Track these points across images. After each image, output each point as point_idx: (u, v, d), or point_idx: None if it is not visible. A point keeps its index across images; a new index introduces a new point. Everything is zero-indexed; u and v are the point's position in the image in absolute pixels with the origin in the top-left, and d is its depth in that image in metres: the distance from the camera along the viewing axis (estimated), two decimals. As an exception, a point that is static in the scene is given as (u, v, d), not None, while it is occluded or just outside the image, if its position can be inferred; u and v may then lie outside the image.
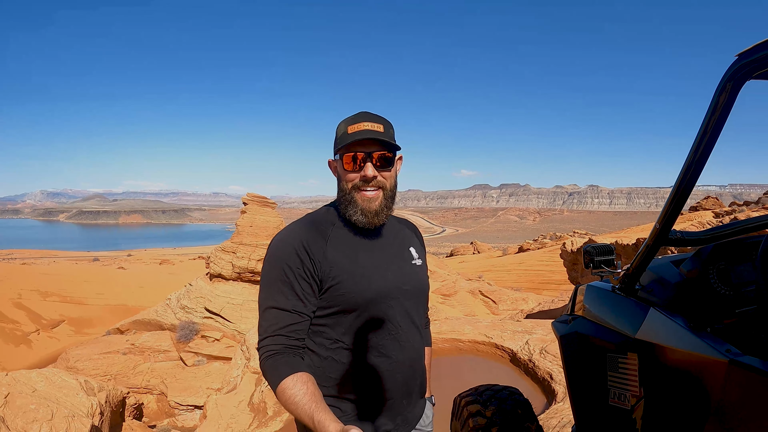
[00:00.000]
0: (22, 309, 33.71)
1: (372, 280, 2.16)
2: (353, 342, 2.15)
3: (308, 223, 2.21)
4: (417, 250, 2.46)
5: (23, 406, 7.55)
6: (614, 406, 2.49)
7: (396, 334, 2.22)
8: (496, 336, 10.05)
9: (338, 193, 2.24)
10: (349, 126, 2.13)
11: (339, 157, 2.17)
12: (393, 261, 2.29)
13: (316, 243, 2.12)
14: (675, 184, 1.92)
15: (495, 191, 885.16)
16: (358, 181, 2.14)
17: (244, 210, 27.64)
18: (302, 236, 2.13)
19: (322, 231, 2.18)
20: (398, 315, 2.23)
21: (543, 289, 45.33)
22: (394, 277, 2.24)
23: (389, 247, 2.32)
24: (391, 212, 2.30)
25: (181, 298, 24.97)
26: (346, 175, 2.16)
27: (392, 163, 2.20)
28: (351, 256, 2.17)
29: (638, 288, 2.45)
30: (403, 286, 2.26)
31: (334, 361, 2.15)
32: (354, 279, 2.12)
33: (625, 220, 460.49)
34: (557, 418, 5.91)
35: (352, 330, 2.15)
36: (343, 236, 2.20)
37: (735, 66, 1.62)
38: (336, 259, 2.12)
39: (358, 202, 2.15)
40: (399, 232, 2.44)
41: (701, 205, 42.31)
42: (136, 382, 19.70)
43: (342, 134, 2.14)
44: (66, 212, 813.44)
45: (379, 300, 2.16)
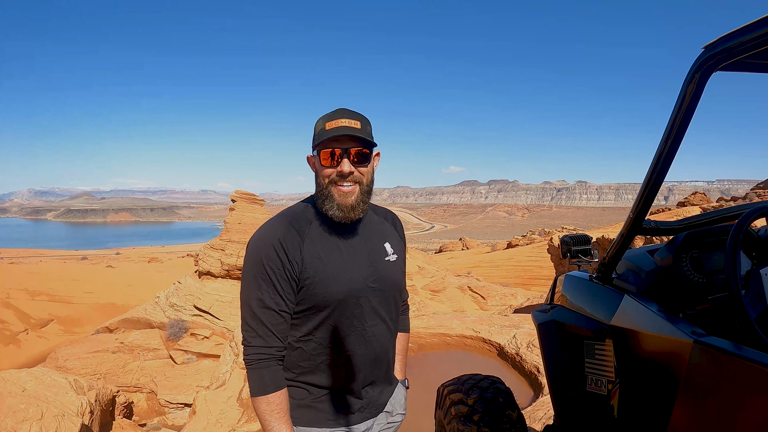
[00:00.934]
0: (10, 308, 33.48)
1: (341, 280, 2.22)
2: (321, 337, 2.25)
3: (286, 221, 2.25)
4: (394, 245, 2.51)
5: (13, 406, 7.54)
6: (592, 392, 2.55)
7: (362, 330, 2.30)
8: (484, 330, 10.12)
9: (316, 188, 2.29)
10: (326, 122, 2.18)
11: (317, 153, 2.22)
12: (365, 259, 2.34)
13: (293, 243, 2.17)
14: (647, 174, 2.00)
15: (483, 187, 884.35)
16: (335, 176, 2.19)
17: (232, 207, 27.55)
18: (279, 234, 2.18)
19: (299, 229, 2.23)
20: (366, 312, 2.30)
21: (532, 285, 45.35)
22: (365, 276, 2.30)
23: (363, 245, 2.37)
24: (367, 206, 2.35)
25: (170, 296, 24.88)
26: (323, 170, 2.21)
27: (369, 159, 2.25)
28: (325, 256, 2.23)
29: (614, 277, 2.52)
30: (372, 284, 2.32)
31: (303, 351, 2.25)
32: (327, 280, 2.19)
33: (613, 215, 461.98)
34: (543, 410, 5.99)
35: (320, 326, 2.23)
36: (318, 235, 2.26)
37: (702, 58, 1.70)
38: (311, 260, 2.18)
39: (334, 196, 2.20)
40: (377, 226, 2.49)
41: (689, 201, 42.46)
42: (126, 380, 19.61)
43: (320, 130, 2.19)
44: (54, 211, 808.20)
45: (347, 299, 2.23)
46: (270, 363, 2.13)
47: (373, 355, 2.35)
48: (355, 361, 2.30)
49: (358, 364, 2.31)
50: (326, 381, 2.28)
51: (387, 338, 2.43)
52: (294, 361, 2.26)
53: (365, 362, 2.33)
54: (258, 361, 2.11)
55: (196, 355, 21.02)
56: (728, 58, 1.63)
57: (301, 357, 2.25)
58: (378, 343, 2.36)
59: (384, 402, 2.49)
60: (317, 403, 2.28)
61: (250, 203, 27.87)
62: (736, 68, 1.89)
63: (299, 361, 2.26)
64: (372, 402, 2.42)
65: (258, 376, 2.11)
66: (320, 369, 2.27)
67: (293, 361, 2.26)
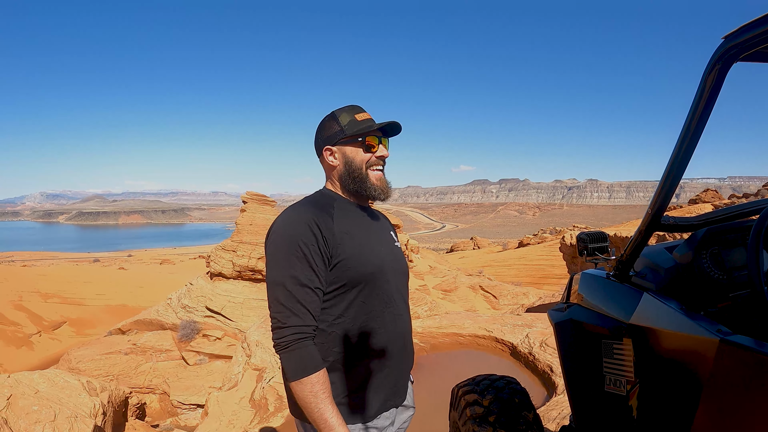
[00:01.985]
0: (22, 311, 33.68)
1: (372, 255, 2.28)
2: (354, 316, 2.23)
3: (311, 204, 2.29)
4: (395, 236, 2.59)
5: (26, 408, 7.55)
6: (610, 392, 2.50)
7: (392, 308, 2.33)
8: (497, 330, 10.07)
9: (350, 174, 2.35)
10: (355, 115, 2.32)
11: (361, 140, 2.32)
12: (384, 239, 2.45)
13: (324, 220, 2.19)
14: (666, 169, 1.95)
15: (494, 186, 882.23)
16: (372, 159, 2.35)
17: (243, 208, 27.58)
18: (310, 213, 2.19)
19: (326, 209, 2.26)
20: (393, 290, 2.35)
21: (543, 284, 45.28)
22: (388, 254, 2.39)
23: (380, 226, 2.48)
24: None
25: (182, 298, 24.96)
26: (362, 156, 2.34)
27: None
28: (353, 232, 2.27)
29: (632, 274, 2.47)
30: (394, 264, 2.40)
31: (337, 335, 2.21)
32: (357, 255, 2.22)
33: (624, 213, 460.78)
34: (557, 410, 5.92)
35: (353, 305, 2.23)
36: (345, 214, 2.30)
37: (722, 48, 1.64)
38: (341, 236, 2.20)
39: (372, 180, 2.35)
40: (381, 216, 2.58)
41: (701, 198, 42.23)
42: (139, 381, 19.71)
43: (351, 121, 2.31)
44: (66, 213, 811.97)
45: (378, 275, 2.27)
46: (308, 342, 2.08)
47: (402, 332, 2.39)
48: (387, 341, 2.31)
49: (389, 344, 2.32)
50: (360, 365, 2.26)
51: (408, 321, 2.47)
52: (328, 348, 2.20)
53: (398, 341, 2.36)
54: (296, 341, 2.04)
55: (208, 356, 21.07)
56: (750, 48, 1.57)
57: (335, 342, 2.21)
58: (403, 322, 2.41)
59: (405, 390, 2.48)
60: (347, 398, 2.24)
61: (261, 204, 27.90)
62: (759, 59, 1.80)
63: (334, 346, 2.21)
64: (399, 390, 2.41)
65: (298, 357, 2.03)
66: (355, 352, 2.24)
67: (329, 347, 2.20)
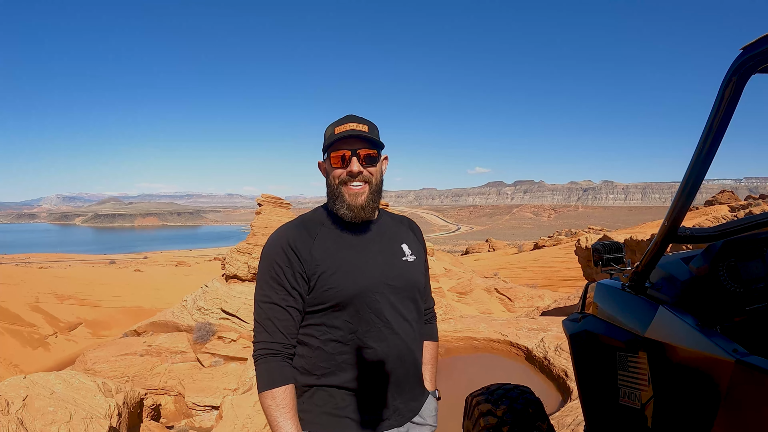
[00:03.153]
0: (39, 312, 33.91)
1: (357, 276, 2.26)
2: (340, 335, 2.25)
3: (298, 224, 2.35)
4: (411, 246, 2.54)
5: (41, 408, 7.59)
6: (625, 405, 2.47)
7: (383, 328, 2.29)
8: (511, 334, 10.03)
9: (327, 190, 2.37)
10: (336, 127, 2.28)
11: (327, 156, 2.33)
12: (380, 257, 2.38)
13: (303, 242, 2.25)
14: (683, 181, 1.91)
15: (509, 188, 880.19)
16: (344, 176, 2.27)
17: (258, 211, 27.69)
18: (290, 236, 2.27)
19: (310, 230, 2.31)
20: (384, 309, 2.30)
21: (559, 286, 45.11)
22: (380, 273, 2.33)
23: (376, 243, 2.41)
24: (377, 206, 2.40)
25: (197, 300, 25.03)
26: (334, 171, 2.30)
27: (377, 160, 2.34)
28: (337, 253, 2.28)
29: (648, 286, 2.44)
30: (388, 281, 2.34)
31: (324, 351, 2.24)
32: (339, 276, 2.22)
33: (640, 215, 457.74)
34: (572, 416, 5.88)
35: (338, 323, 2.24)
36: (330, 234, 2.32)
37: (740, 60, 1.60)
38: (322, 257, 2.24)
39: (345, 196, 2.29)
40: (391, 228, 2.54)
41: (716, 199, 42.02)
42: (154, 383, 19.78)
43: (330, 135, 2.29)
44: (82, 216, 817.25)
45: (364, 295, 2.25)
46: (275, 358, 2.16)
47: (395, 353, 2.32)
48: (377, 359, 2.28)
49: (381, 363, 2.29)
50: (349, 382, 2.25)
51: (411, 337, 2.41)
52: (315, 363, 2.26)
53: (388, 360, 2.30)
54: (262, 356, 2.16)
55: (223, 358, 21.11)
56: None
57: (322, 358, 2.25)
58: (400, 340, 2.34)
59: (412, 411, 2.45)
60: (340, 410, 2.25)
61: (276, 207, 27.99)
62: None
63: (320, 362, 2.25)
64: (398, 409, 2.37)
65: (263, 371, 2.14)
66: (342, 369, 2.25)
67: (314, 363, 2.26)
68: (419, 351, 2.50)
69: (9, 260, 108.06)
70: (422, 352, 2.58)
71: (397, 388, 2.35)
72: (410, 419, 2.43)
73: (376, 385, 2.29)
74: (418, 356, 2.49)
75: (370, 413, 2.28)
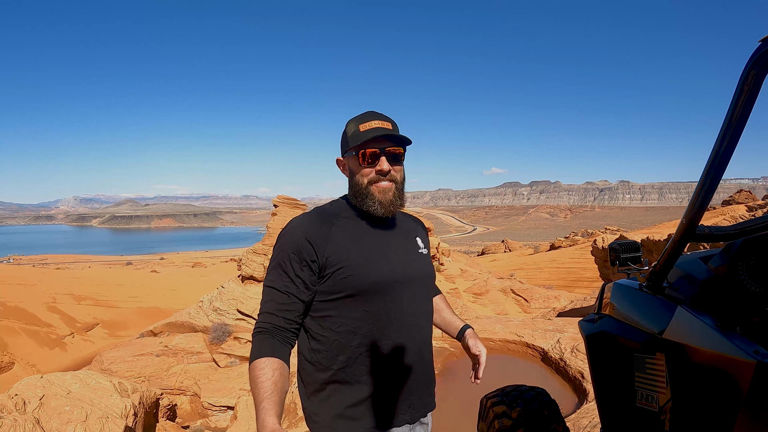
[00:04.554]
0: (56, 312, 34.19)
1: (377, 265, 2.24)
2: (359, 326, 2.21)
3: (314, 214, 2.33)
4: (423, 241, 2.55)
5: (58, 408, 7.62)
6: (642, 407, 2.43)
7: (402, 319, 2.28)
8: (527, 335, 9.99)
9: (352, 188, 2.35)
10: (360, 124, 2.26)
11: (354, 154, 2.27)
12: (399, 248, 2.38)
13: (318, 231, 2.22)
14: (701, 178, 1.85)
15: (525, 189, 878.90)
16: (373, 175, 2.26)
17: (275, 212, 27.78)
18: (304, 225, 2.25)
19: (327, 220, 2.29)
20: (405, 300, 2.29)
21: (575, 287, 45.03)
22: (401, 263, 2.33)
23: (395, 235, 2.41)
24: (404, 203, 2.39)
25: (213, 300, 25.13)
26: (362, 170, 2.28)
27: (402, 158, 2.34)
28: (355, 242, 2.26)
29: (666, 285, 2.39)
30: (409, 272, 2.34)
31: (341, 343, 2.21)
32: (358, 264, 2.20)
33: (657, 215, 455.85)
34: (588, 418, 5.83)
35: (357, 314, 2.21)
36: (348, 225, 2.30)
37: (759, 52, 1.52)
38: (339, 246, 2.21)
39: (374, 194, 2.27)
40: (405, 222, 2.55)
41: (734, 199, 41.77)
42: (170, 383, 19.86)
43: (354, 132, 2.27)
44: (99, 217, 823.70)
45: (384, 285, 2.24)
46: (266, 335, 2.12)
47: (415, 345, 2.32)
48: (397, 351, 2.26)
49: (400, 355, 2.27)
50: (367, 375, 2.21)
51: (427, 329, 2.42)
52: (333, 356, 2.21)
53: (407, 353, 2.29)
54: (257, 334, 2.13)
55: (239, 359, 21.16)
56: None
57: (339, 350, 2.20)
58: (418, 333, 2.35)
59: (426, 407, 2.42)
60: (356, 411, 2.20)
61: (292, 208, 28.05)
62: None
63: (338, 355, 2.20)
64: (414, 404, 2.34)
65: (256, 344, 2.10)
66: (361, 361, 2.21)
67: (332, 356, 2.21)
68: (431, 344, 2.49)
69: (26, 261, 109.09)
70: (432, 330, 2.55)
71: (414, 381, 2.32)
72: (424, 415, 2.41)
73: (394, 378, 2.26)
74: (431, 348, 2.48)
75: (385, 409, 2.24)
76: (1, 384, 22.67)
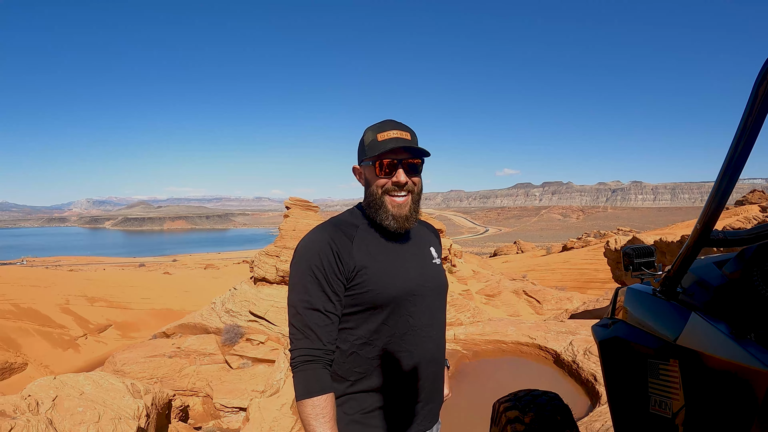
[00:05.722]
0: (69, 314, 34.39)
1: (396, 278, 2.21)
2: (378, 339, 2.20)
3: (333, 226, 2.26)
4: (436, 250, 2.53)
5: (71, 409, 7.65)
6: (655, 414, 2.40)
7: (419, 331, 2.26)
8: (540, 337, 9.96)
9: (367, 198, 2.31)
10: (378, 134, 2.22)
11: (372, 163, 2.24)
12: (415, 260, 2.35)
13: (342, 244, 2.17)
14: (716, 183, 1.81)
15: (537, 190, 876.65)
16: (389, 186, 2.22)
17: (287, 214, 27.82)
18: (328, 238, 2.17)
19: (347, 232, 2.23)
20: (421, 312, 2.27)
21: (588, 288, 44.92)
22: (417, 275, 2.30)
23: (411, 247, 2.38)
24: (419, 216, 2.37)
25: (225, 302, 25.20)
26: (377, 180, 2.24)
27: (421, 169, 2.29)
28: (376, 255, 2.22)
29: (679, 291, 2.36)
30: (426, 283, 2.32)
31: (359, 356, 2.19)
32: (379, 278, 2.17)
33: (669, 216, 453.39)
34: (600, 422, 5.81)
35: (376, 327, 2.19)
36: (367, 237, 2.26)
37: None
38: (361, 259, 2.17)
39: (388, 207, 2.23)
40: (419, 232, 2.49)
41: (747, 199, 41.49)
42: (182, 384, 19.94)
43: (371, 141, 2.23)
44: (111, 219, 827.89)
45: (403, 298, 2.21)
46: (315, 365, 2.06)
47: (429, 356, 2.30)
48: (414, 363, 2.25)
49: (416, 367, 2.26)
50: (384, 387, 2.21)
51: (441, 340, 2.41)
52: (350, 368, 2.19)
53: (423, 364, 2.28)
54: (303, 363, 2.06)
55: (251, 360, 21.20)
56: None
57: (356, 362, 2.19)
58: (434, 344, 2.33)
59: (436, 415, 2.43)
60: (370, 418, 2.21)
61: (304, 210, 28.10)
62: None
63: (355, 367, 2.19)
64: (427, 415, 2.35)
65: (303, 378, 2.04)
66: (377, 374, 2.20)
67: (349, 368, 2.19)
68: (445, 353, 2.50)
69: (40, 263, 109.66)
70: None
71: (429, 392, 2.33)
72: (435, 423, 2.42)
73: (410, 389, 2.26)
74: (445, 358, 2.49)
75: (400, 418, 2.25)
76: (15, 385, 22.81)
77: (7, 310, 32.49)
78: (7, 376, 24.78)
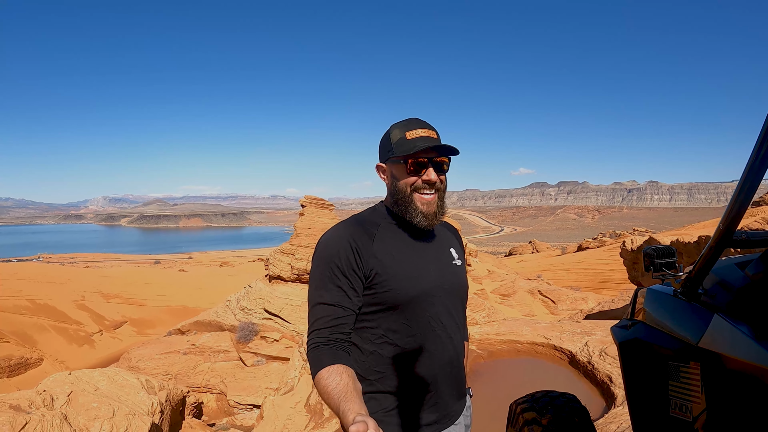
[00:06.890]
0: (85, 310, 34.64)
1: (417, 278, 2.21)
2: (397, 338, 2.19)
3: (354, 223, 2.27)
4: (457, 251, 2.51)
5: (85, 404, 7.68)
6: (675, 417, 2.37)
7: (439, 331, 2.26)
8: (555, 337, 9.91)
9: (393, 195, 2.30)
10: (406, 132, 2.22)
11: (402, 162, 2.22)
12: (436, 260, 2.34)
13: (363, 241, 2.18)
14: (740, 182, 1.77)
15: (553, 189, 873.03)
16: (419, 183, 2.22)
17: (302, 212, 27.89)
18: (349, 235, 2.18)
19: (368, 230, 2.24)
20: (441, 312, 2.27)
21: (603, 289, 44.73)
22: (438, 276, 2.29)
23: (433, 247, 2.37)
24: (445, 213, 2.35)
25: (240, 300, 25.31)
26: (407, 178, 2.23)
27: (447, 168, 2.29)
28: (396, 254, 2.22)
29: (701, 292, 2.32)
30: (445, 284, 2.31)
31: (379, 355, 2.20)
32: (399, 277, 2.17)
33: (685, 216, 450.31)
34: (616, 423, 5.76)
35: (396, 326, 2.19)
36: (389, 235, 2.26)
37: None
38: (382, 258, 2.18)
39: (417, 204, 2.23)
40: (440, 232, 2.48)
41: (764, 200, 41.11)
42: (197, 381, 20.04)
43: (400, 140, 2.22)
44: (128, 217, 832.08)
45: (423, 297, 2.21)
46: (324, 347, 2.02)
47: (448, 357, 2.30)
48: (433, 363, 2.24)
49: (436, 366, 2.25)
50: (403, 386, 2.21)
51: (460, 341, 2.39)
52: (369, 367, 2.21)
53: (443, 364, 2.27)
54: (313, 347, 2.03)
55: (265, 358, 21.29)
56: None
57: (376, 361, 2.21)
58: (452, 344, 2.32)
59: (456, 413, 2.41)
60: (391, 416, 2.20)
61: (319, 208, 28.15)
62: None
63: (374, 366, 2.21)
64: (447, 414, 2.33)
65: (313, 357, 2.00)
66: (397, 373, 2.20)
67: (368, 368, 2.21)
68: (464, 354, 2.49)
69: (56, 260, 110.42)
70: None
71: (448, 392, 2.32)
72: (454, 422, 2.39)
73: (429, 389, 2.25)
74: (463, 359, 2.48)
75: (420, 417, 2.24)
76: (30, 380, 23.00)
77: (23, 306, 32.80)
78: (23, 371, 25.03)
